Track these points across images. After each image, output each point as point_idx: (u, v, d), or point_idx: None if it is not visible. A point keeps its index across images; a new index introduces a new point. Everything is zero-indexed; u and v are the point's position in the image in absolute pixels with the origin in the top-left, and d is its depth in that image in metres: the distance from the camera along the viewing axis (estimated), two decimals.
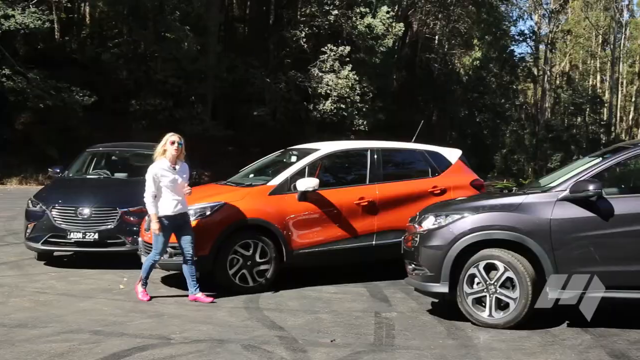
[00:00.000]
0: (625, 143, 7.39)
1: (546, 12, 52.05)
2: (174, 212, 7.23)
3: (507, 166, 49.92)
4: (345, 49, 23.95)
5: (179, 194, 7.27)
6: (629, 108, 66.97)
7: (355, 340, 5.91)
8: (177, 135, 7.43)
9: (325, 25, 24.49)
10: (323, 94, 24.00)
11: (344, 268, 9.05)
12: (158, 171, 7.21)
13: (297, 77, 24.02)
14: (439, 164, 9.21)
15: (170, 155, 7.25)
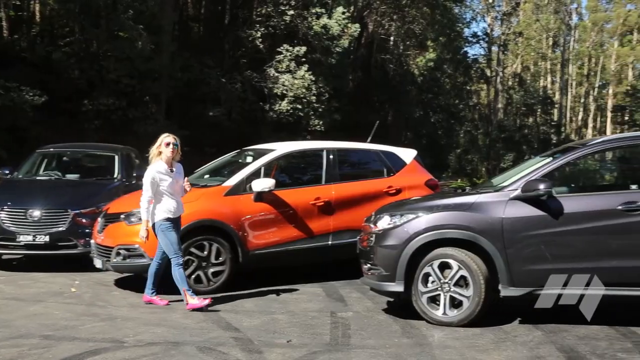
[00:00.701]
0: (574, 143, 7.56)
1: (498, 15, 52.91)
2: (175, 214, 7.09)
3: (461, 166, 50.61)
4: (301, 50, 23.94)
5: (177, 196, 7.13)
6: (578, 109, 68.57)
7: (311, 340, 5.91)
8: (172, 136, 7.22)
9: (281, 25, 24.44)
10: (279, 94, 23.95)
11: (300, 268, 9.05)
12: (156, 175, 6.99)
13: (253, 77, 23.92)
14: (394, 164, 9.29)
15: (165, 157, 7.06)
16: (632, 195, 6.31)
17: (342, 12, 26.05)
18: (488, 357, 5.41)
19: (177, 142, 7.15)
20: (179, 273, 6.98)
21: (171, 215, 7.04)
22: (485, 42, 51.08)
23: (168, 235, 6.99)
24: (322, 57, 25.45)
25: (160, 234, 7.03)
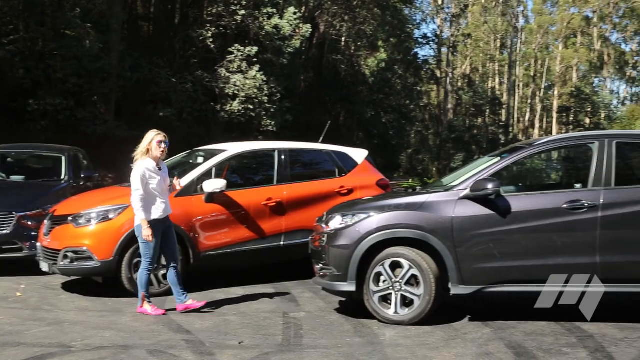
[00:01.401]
0: (521, 143, 7.72)
1: (448, 17, 53.66)
2: (162, 215, 6.89)
3: (412, 166, 51.16)
4: (253, 50, 23.83)
5: (165, 195, 6.95)
6: (525, 109, 70.06)
7: (263, 341, 5.89)
8: (162, 134, 6.98)
9: (232, 25, 24.28)
10: (230, 94, 23.79)
11: (253, 269, 9.02)
12: (146, 172, 6.76)
13: (204, 78, 23.69)
14: (345, 164, 9.34)
15: (154, 156, 6.86)
16: (576, 194, 6.46)
17: (293, 13, 26.04)
18: (438, 355, 5.48)
19: (167, 142, 6.96)
20: (144, 277, 6.86)
21: (158, 216, 6.84)
22: (435, 43, 51.78)
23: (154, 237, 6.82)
24: (274, 57, 25.38)
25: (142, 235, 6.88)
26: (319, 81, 35.13)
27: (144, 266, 6.85)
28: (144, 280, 6.87)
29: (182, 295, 6.96)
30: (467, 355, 5.47)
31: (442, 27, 54.30)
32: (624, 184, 6.45)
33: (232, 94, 23.82)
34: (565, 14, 68.60)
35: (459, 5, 53.02)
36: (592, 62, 71.22)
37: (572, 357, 5.39)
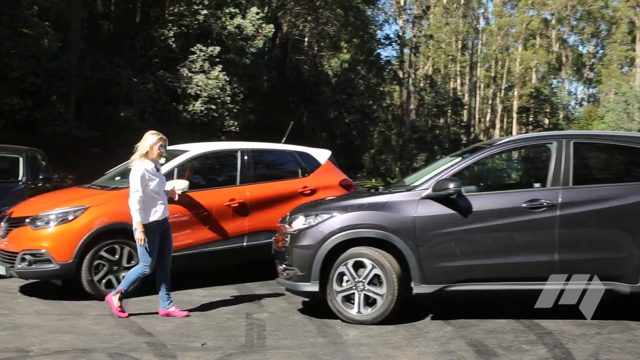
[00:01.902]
0: (482, 143, 7.82)
1: (410, 18, 54.07)
2: (161, 217, 6.78)
3: (375, 166, 51.39)
4: (215, 50, 23.67)
5: (163, 197, 6.84)
6: (486, 110, 70.96)
7: (226, 342, 5.86)
8: (161, 135, 6.87)
9: (194, 25, 24.09)
10: (193, 94, 23.60)
11: (215, 270, 8.96)
12: (146, 173, 6.65)
13: (166, 77, 23.46)
14: (308, 165, 9.34)
15: (153, 157, 6.75)
16: (535, 193, 6.56)
17: (256, 13, 25.94)
18: (401, 354, 5.52)
19: (166, 144, 6.88)
20: (134, 277, 6.77)
21: (158, 218, 6.73)
22: (397, 44, 52.12)
23: (148, 241, 6.69)
24: (237, 57, 25.25)
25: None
26: (282, 81, 35.09)
27: (140, 269, 6.76)
28: (132, 279, 6.78)
29: (167, 301, 6.87)
30: (429, 354, 5.52)
31: (404, 28, 54.70)
32: (581, 184, 6.58)
33: (194, 94, 23.64)
34: (524, 16, 69.68)
35: (420, 7, 53.47)
36: (551, 63, 72.54)
37: (532, 354, 5.48)
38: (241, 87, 25.20)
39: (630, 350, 5.56)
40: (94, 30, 27.94)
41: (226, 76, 23.77)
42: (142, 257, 6.73)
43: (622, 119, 61.78)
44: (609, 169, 7.34)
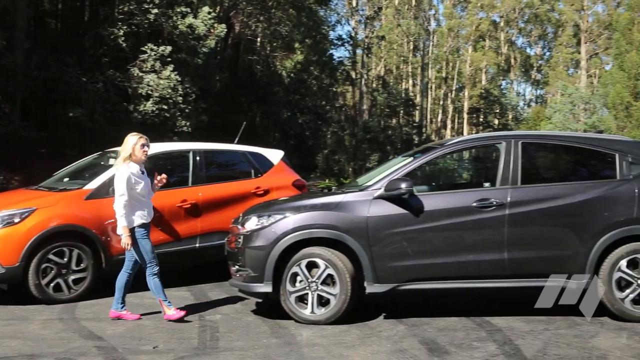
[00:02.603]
0: (433, 143, 7.92)
1: (362, 19, 54.41)
2: (148, 219, 6.67)
3: (329, 166, 51.55)
4: (167, 49, 23.38)
5: (149, 199, 6.72)
6: (437, 111, 71.87)
7: (178, 345, 5.80)
8: (144, 136, 6.77)
9: (145, 24, 23.74)
10: (144, 94, 23.26)
11: (167, 272, 8.84)
12: (132, 177, 6.53)
13: (116, 77, 23.06)
14: (261, 165, 9.32)
15: (138, 159, 6.63)
16: (485, 192, 6.67)
17: (208, 12, 25.71)
18: (354, 353, 5.55)
19: (149, 143, 6.76)
20: (154, 283, 6.66)
21: (145, 221, 6.64)
22: (350, 45, 52.38)
23: (143, 244, 6.59)
24: (188, 57, 24.99)
25: (135, 241, 6.61)
26: (235, 81, 34.89)
27: (148, 271, 6.66)
28: (156, 286, 6.68)
29: (120, 304, 6.76)
30: (382, 353, 5.56)
31: (356, 28, 55.02)
32: (530, 183, 6.71)
33: (145, 94, 23.31)
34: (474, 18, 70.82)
35: (372, 8, 53.85)
36: (500, 65, 73.91)
37: (482, 351, 5.57)
38: (193, 87, 24.96)
39: (577, 345, 5.70)
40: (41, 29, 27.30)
41: (178, 76, 23.50)
42: (144, 260, 6.65)
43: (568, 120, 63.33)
44: (555, 168, 7.52)
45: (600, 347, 5.66)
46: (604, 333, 6.11)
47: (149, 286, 6.72)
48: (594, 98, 63.62)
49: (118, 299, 6.77)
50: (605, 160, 6.84)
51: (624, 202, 6.51)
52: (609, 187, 6.61)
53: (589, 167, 7.07)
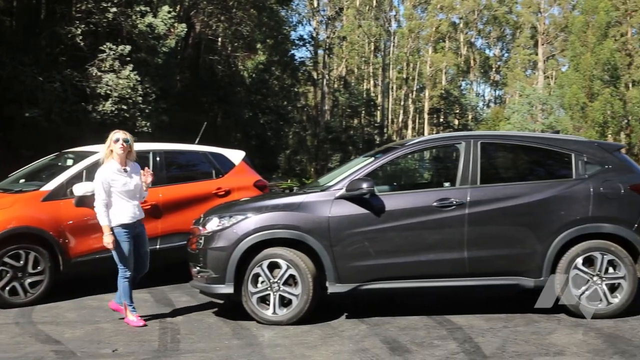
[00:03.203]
0: (394, 143, 7.97)
1: (323, 19, 54.54)
2: (132, 219, 6.47)
3: (291, 166, 51.56)
4: (126, 48, 23.07)
5: (133, 198, 6.51)
6: (398, 111, 72.39)
7: (138, 348, 5.73)
8: (121, 131, 6.59)
9: (103, 22, 23.39)
10: (103, 94, 22.91)
11: None
12: (107, 175, 6.37)
13: (74, 77, 22.67)
14: (222, 166, 9.26)
15: (117, 155, 6.44)
16: (445, 192, 6.74)
17: (168, 11, 25.46)
18: (316, 353, 5.55)
19: (128, 138, 6.56)
20: (124, 286, 6.52)
21: (127, 221, 6.46)
22: (311, 45, 52.46)
23: (121, 244, 6.43)
24: (148, 56, 24.71)
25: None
26: (196, 81, 34.62)
27: (120, 274, 6.51)
28: (122, 289, 6.54)
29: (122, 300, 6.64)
30: (344, 352, 5.57)
31: (318, 29, 55.11)
32: (489, 182, 6.80)
33: (104, 94, 22.97)
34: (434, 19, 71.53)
35: (334, 8, 54.01)
36: (460, 66, 74.81)
37: (443, 349, 5.63)
38: (153, 87, 24.69)
39: (534, 342, 5.80)
40: None
41: (137, 76, 23.22)
42: (118, 261, 6.52)
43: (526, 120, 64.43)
44: (514, 168, 7.63)
45: (558, 343, 5.77)
46: (561, 329, 6.22)
47: (118, 287, 6.60)
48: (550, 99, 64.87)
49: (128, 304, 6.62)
50: (562, 160, 6.97)
51: (580, 201, 6.64)
52: (565, 187, 6.73)
53: (546, 167, 7.19)
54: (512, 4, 75.96)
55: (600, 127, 58.76)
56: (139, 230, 6.64)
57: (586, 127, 59.04)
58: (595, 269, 6.56)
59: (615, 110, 60.36)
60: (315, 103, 57.15)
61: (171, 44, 26.95)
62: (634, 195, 6.73)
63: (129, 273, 6.53)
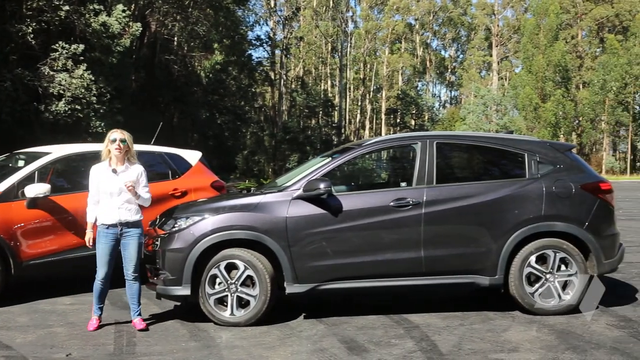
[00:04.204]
0: (351, 143, 8.00)
1: (280, 19, 54.49)
2: (113, 220, 6.28)
3: (248, 167, 51.40)
4: (79, 47, 22.70)
5: (121, 200, 6.31)
6: (356, 111, 72.75)
7: (93, 352, 5.63)
8: (119, 130, 6.39)
9: (56, 21, 22.97)
10: (55, 94, 22.50)
11: (82, 277, 8.59)
12: (96, 174, 6.32)
13: (25, 76, 22.22)
14: (179, 166, 9.17)
15: (114, 156, 6.32)
16: (402, 192, 6.78)
17: (122, 10, 25.13)
18: (274, 354, 5.54)
19: (125, 138, 6.36)
20: (94, 288, 6.38)
21: (107, 221, 6.29)
22: (268, 45, 52.38)
23: (98, 244, 6.30)
24: (102, 56, 24.35)
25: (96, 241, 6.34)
26: (152, 81, 34.25)
27: (96, 276, 6.37)
28: (94, 291, 6.41)
29: (134, 312, 6.47)
30: (302, 353, 5.58)
31: (275, 29, 55.03)
32: (444, 182, 6.87)
33: (57, 94, 22.55)
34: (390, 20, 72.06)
35: (290, 8, 54.01)
36: (416, 67, 75.53)
37: (400, 348, 5.67)
38: (108, 87, 24.33)
39: (490, 339, 5.89)
40: None
41: (91, 75, 22.85)
42: (97, 260, 6.38)
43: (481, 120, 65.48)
44: (469, 167, 7.72)
45: (512, 340, 5.87)
46: (515, 326, 6.33)
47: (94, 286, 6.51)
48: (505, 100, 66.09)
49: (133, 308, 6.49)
50: (515, 160, 7.09)
51: (533, 200, 6.76)
52: (518, 186, 6.85)
53: (500, 167, 7.30)
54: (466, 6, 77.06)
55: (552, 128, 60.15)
56: (128, 234, 6.40)
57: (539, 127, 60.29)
58: (548, 266, 6.69)
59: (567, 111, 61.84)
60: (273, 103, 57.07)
61: (126, 44, 26.60)
62: (584, 194, 6.88)
63: (99, 274, 6.38)
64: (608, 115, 64.43)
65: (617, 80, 62.25)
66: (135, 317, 6.46)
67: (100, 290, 6.44)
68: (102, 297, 6.48)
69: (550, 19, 60.07)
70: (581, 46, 73.10)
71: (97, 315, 6.45)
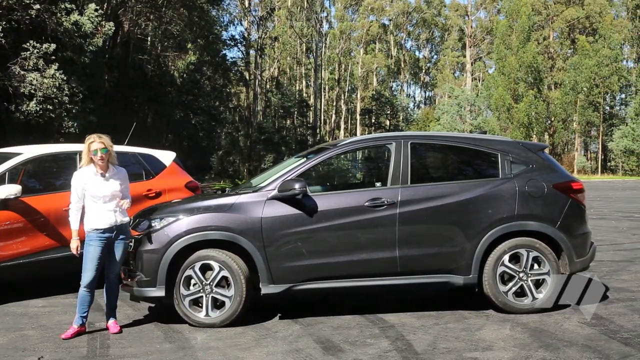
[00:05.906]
0: (326, 144, 8.00)
1: (255, 19, 54.36)
2: (106, 224, 6.14)
3: (223, 167, 51.20)
4: (51, 47, 22.45)
5: (110, 204, 6.17)
6: (331, 112, 72.84)
7: (66, 355, 5.57)
8: (96, 138, 6.18)
9: (26, 19, 22.68)
10: (27, 94, 22.23)
11: (55, 278, 8.50)
12: (81, 179, 6.13)
13: None
14: (152, 167, 9.10)
15: (97, 166, 6.17)
16: (377, 192, 6.80)
17: (94, 9, 24.90)
18: (250, 355, 5.53)
19: (106, 148, 6.17)
20: (79, 295, 6.22)
21: (100, 226, 6.14)
22: (243, 45, 52.25)
23: (87, 250, 6.13)
24: (74, 55, 24.10)
25: (85, 246, 6.18)
26: (125, 81, 33.96)
27: (81, 282, 6.20)
28: (79, 298, 6.24)
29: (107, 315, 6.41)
30: (278, 353, 5.57)
31: (249, 29, 54.89)
32: (419, 182, 6.90)
33: (28, 94, 22.27)
34: (364, 21, 72.27)
35: (265, 8, 53.92)
36: (390, 67, 75.85)
37: (376, 347, 5.69)
38: (80, 87, 24.09)
39: (464, 338, 5.93)
40: None
41: (63, 75, 22.61)
42: (84, 266, 6.20)
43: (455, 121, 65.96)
44: (443, 167, 7.76)
45: (486, 338, 5.92)
46: (489, 325, 6.38)
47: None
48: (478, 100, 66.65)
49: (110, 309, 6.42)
50: (489, 160, 7.14)
51: (506, 200, 6.82)
52: (491, 186, 6.90)
53: (474, 167, 7.35)
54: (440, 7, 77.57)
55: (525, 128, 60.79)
56: (121, 236, 6.32)
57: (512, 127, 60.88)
58: (521, 265, 6.76)
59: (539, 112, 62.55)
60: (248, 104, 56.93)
61: (98, 43, 26.35)
62: (557, 193, 6.96)
63: (85, 279, 6.21)
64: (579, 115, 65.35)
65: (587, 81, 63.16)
66: (110, 320, 6.39)
67: (86, 297, 6.26)
68: (87, 305, 6.29)
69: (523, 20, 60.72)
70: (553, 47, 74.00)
71: (77, 325, 6.24)
